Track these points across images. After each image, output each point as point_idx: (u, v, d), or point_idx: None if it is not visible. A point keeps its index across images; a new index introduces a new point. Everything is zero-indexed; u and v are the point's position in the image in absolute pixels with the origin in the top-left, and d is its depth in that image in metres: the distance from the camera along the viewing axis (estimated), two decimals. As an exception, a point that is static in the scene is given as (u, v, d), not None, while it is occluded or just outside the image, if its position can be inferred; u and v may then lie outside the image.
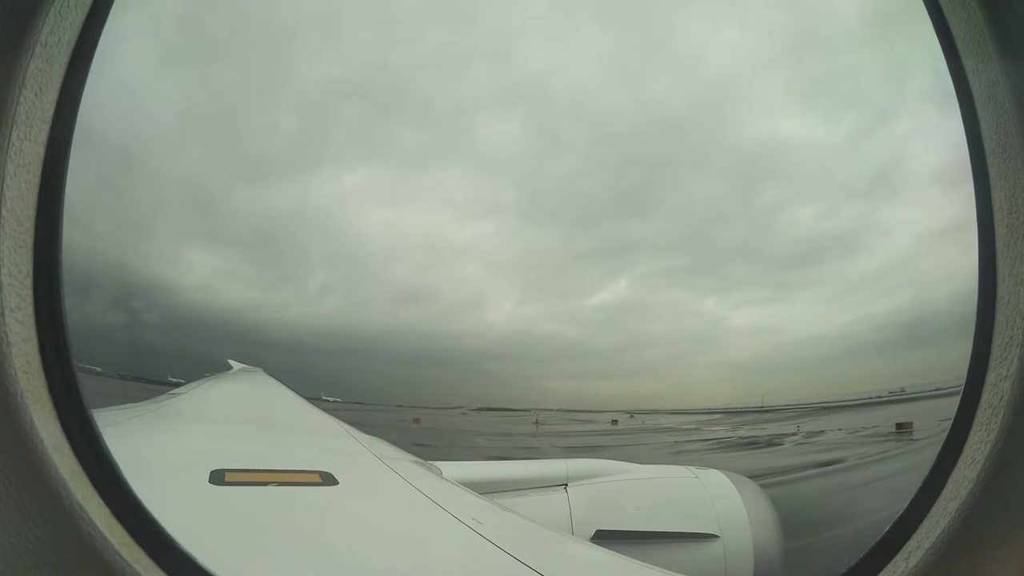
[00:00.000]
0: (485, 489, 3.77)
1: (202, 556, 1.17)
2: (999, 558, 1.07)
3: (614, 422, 34.14)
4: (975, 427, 1.12)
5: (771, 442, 24.99)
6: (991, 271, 1.15)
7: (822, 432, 26.03)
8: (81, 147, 1.10)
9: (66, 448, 1.06)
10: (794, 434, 26.26)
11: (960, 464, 1.12)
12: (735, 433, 29.25)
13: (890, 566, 1.15)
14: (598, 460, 4.81)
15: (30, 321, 1.05)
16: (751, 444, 25.39)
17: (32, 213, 1.05)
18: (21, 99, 1.01)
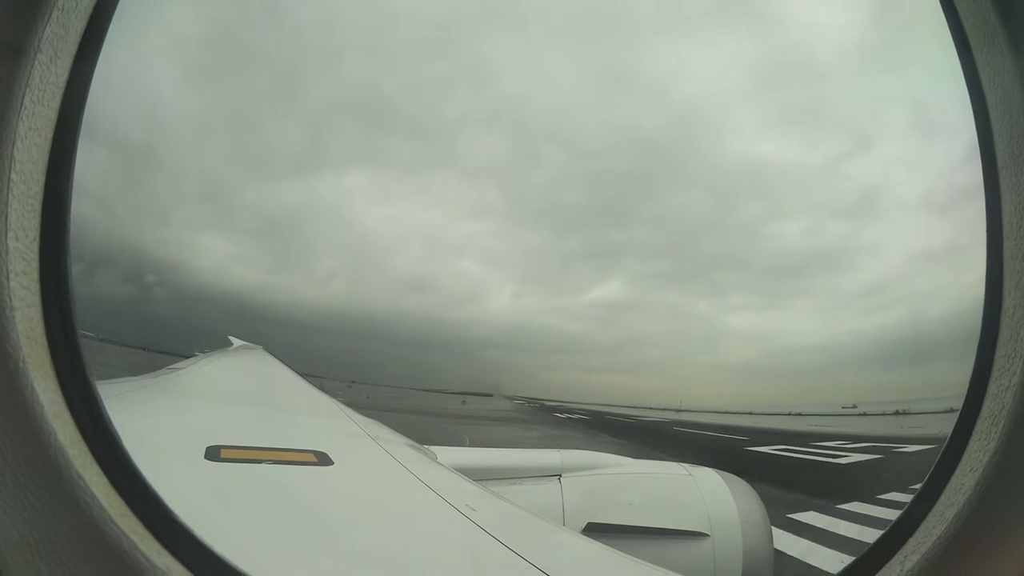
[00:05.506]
0: (479, 476, 3.78)
1: (197, 529, 1.17)
2: (995, 565, 1.08)
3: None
4: (975, 436, 1.13)
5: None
6: (998, 282, 1.15)
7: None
8: (95, 117, 1.09)
9: (66, 415, 1.05)
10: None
11: (959, 471, 1.13)
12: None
13: (884, 569, 1.16)
14: (592, 452, 4.82)
15: (35, 287, 1.04)
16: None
17: (42, 178, 1.04)
18: (36, 63, 0.99)
